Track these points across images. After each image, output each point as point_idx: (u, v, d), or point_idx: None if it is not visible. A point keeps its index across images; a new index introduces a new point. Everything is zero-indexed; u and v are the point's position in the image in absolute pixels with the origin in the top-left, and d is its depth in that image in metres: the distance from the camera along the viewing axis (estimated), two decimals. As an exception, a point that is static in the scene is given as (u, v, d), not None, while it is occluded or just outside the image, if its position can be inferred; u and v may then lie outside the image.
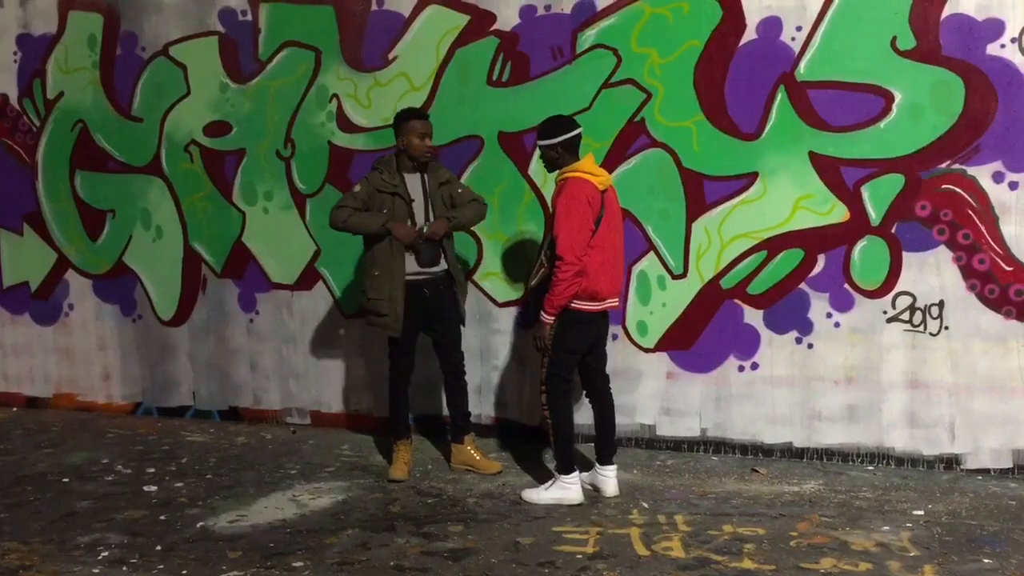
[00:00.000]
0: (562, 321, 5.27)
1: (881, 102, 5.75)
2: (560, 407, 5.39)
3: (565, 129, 5.33)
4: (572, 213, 5.15)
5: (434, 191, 5.81)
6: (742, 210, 6.09)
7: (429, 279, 5.80)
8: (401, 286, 5.71)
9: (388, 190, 5.73)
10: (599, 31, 6.24)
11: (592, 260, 5.22)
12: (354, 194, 5.79)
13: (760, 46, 5.96)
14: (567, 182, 5.24)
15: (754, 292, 6.12)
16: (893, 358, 5.89)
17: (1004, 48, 5.54)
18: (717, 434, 6.28)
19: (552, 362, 5.34)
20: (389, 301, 5.72)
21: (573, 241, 5.13)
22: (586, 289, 5.23)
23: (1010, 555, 4.58)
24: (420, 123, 5.73)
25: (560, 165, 5.34)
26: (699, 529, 5.00)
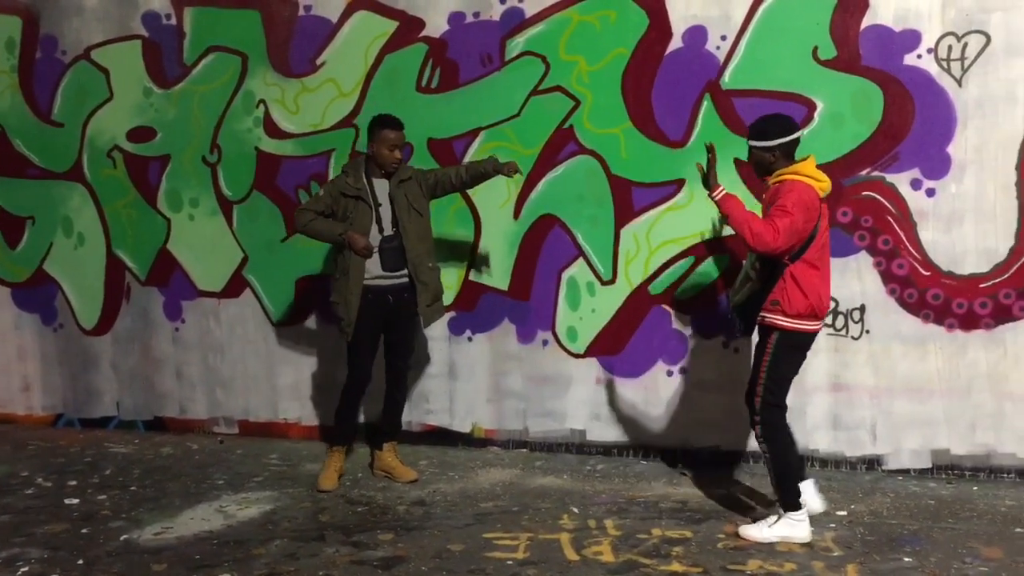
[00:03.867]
0: (783, 346, 4.80)
1: (804, 110, 5.86)
2: (779, 438, 4.88)
3: (786, 131, 4.80)
4: (796, 212, 4.59)
5: (395, 192, 5.68)
6: (670, 216, 6.16)
7: (394, 285, 5.72)
8: (358, 291, 5.63)
9: (352, 194, 5.64)
10: (528, 38, 6.27)
11: (812, 277, 4.75)
12: (318, 198, 5.74)
13: (686, 55, 6.04)
14: (791, 183, 4.69)
15: (682, 297, 6.19)
16: (817, 362, 5.98)
17: (921, 58, 5.68)
18: (647, 438, 6.34)
19: (768, 390, 4.84)
20: (345, 305, 5.66)
21: (792, 232, 4.59)
22: (810, 308, 4.75)
23: (929, 553, 4.69)
24: (394, 134, 5.62)
25: (773, 170, 4.81)
26: (629, 533, 5.03)
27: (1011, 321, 5.69)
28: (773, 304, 4.77)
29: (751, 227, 4.60)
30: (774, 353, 4.82)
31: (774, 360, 4.82)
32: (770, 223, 4.59)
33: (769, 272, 4.78)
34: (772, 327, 4.80)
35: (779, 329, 4.78)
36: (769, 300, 4.78)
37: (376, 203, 5.67)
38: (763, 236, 4.58)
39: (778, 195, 4.69)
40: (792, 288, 4.73)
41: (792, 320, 4.75)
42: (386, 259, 5.67)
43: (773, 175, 4.82)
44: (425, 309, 5.80)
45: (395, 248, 5.68)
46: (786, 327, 4.77)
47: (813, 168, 4.78)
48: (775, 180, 4.80)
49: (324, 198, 5.71)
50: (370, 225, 5.66)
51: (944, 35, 5.64)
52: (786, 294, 4.74)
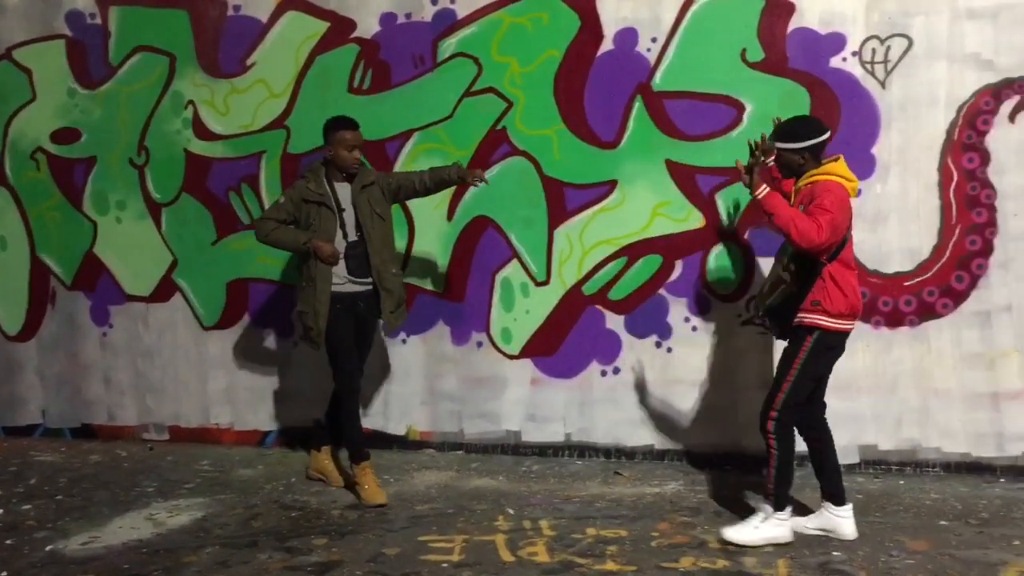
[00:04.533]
0: (821, 346, 4.74)
1: (733, 112, 5.94)
2: (788, 438, 4.84)
3: (815, 132, 4.72)
4: (835, 210, 4.55)
5: (358, 197, 5.56)
6: (602, 217, 6.20)
7: (362, 292, 5.60)
8: (326, 300, 5.48)
9: (314, 199, 5.50)
10: (460, 40, 6.27)
11: (848, 276, 4.73)
12: (278, 205, 5.57)
13: (617, 56, 6.09)
14: (825, 183, 4.64)
15: (615, 298, 6.24)
16: (748, 360, 6.08)
17: (846, 61, 5.79)
18: (581, 438, 6.37)
19: (793, 388, 4.77)
20: (314, 314, 5.51)
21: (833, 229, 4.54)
22: (850, 307, 4.72)
23: (857, 547, 4.78)
24: (351, 135, 5.49)
25: (802, 173, 4.75)
26: (563, 533, 5.05)
27: (934, 318, 5.82)
28: (814, 304, 4.70)
29: (796, 225, 4.54)
30: (811, 352, 4.74)
31: (809, 359, 4.75)
32: (814, 220, 4.54)
33: (806, 274, 4.71)
34: (812, 327, 4.72)
35: (819, 329, 4.72)
36: (809, 301, 4.70)
37: (339, 208, 5.54)
38: (808, 233, 4.52)
39: (814, 195, 4.63)
40: (832, 288, 4.69)
41: (834, 320, 4.71)
42: (351, 265, 5.54)
43: (804, 176, 4.76)
44: (388, 315, 5.65)
45: (361, 254, 5.55)
46: (827, 327, 4.71)
47: (845, 168, 4.74)
48: (807, 181, 4.73)
49: (285, 205, 5.53)
50: (335, 231, 5.51)
51: (868, 38, 5.76)
52: (827, 294, 4.68)
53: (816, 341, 4.74)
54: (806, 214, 4.58)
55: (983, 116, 5.66)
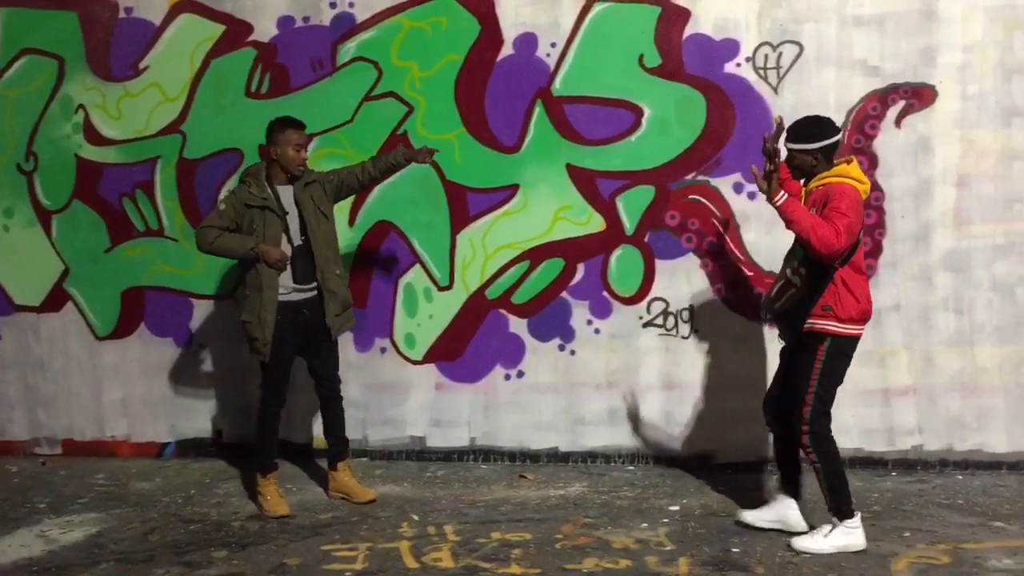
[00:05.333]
0: (834, 352, 4.66)
1: (632, 117, 6.02)
2: (829, 447, 4.74)
3: (829, 132, 4.66)
4: (851, 214, 4.49)
5: (301, 196, 5.40)
6: (505, 221, 6.22)
7: (308, 299, 5.44)
8: (273, 308, 5.31)
9: (257, 204, 5.31)
10: (359, 43, 6.22)
11: (860, 281, 4.67)
12: (220, 212, 5.34)
13: (517, 61, 6.11)
14: (839, 186, 4.56)
15: (518, 302, 6.26)
16: (649, 361, 6.16)
17: (740, 67, 5.92)
18: (486, 443, 6.37)
19: (818, 398, 4.68)
20: (259, 324, 5.32)
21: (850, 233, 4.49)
22: (861, 311, 4.65)
23: (756, 543, 4.87)
24: (297, 134, 5.33)
25: (814, 174, 4.68)
26: (468, 538, 5.04)
27: (828, 317, 5.97)
28: (825, 309, 4.63)
29: (816, 231, 4.46)
30: (826, 360, 4.67)
31: (825, 367, 4.68)
32: (832, 226, 4.46)
33: (818, 278, 4.64)
34: (823, 333, 4.65)
35: (830, 335, 4.65)
36: (820, 306, 4.63)
37: (283, 211, 5.38)
38: (829, 239, 4.45)
39: (828, 198, 4.56)
40: (844, 292, 4.63)
41: (844, 325, 4.64)
42: (298, 270, 5.37)
43: (815, 178, 4.70)
44: (334, 319, 5.50)
45: (307, 258, 5.38)
46: (838, 332, 4.64)
47: (858, 170, 4.68)
48: (818, 183, 4.67)
49: (227, 212, 5.32)
50: (280, 235, 5.34)
51: (761, 44, 5.90)
52: (839, 299, 4.62)
53: (829, 348, 4.66)
54: (823, 219, 4.52)
55: (871, 121, 5.84)
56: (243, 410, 6.49)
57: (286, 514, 5.42)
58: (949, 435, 5.93)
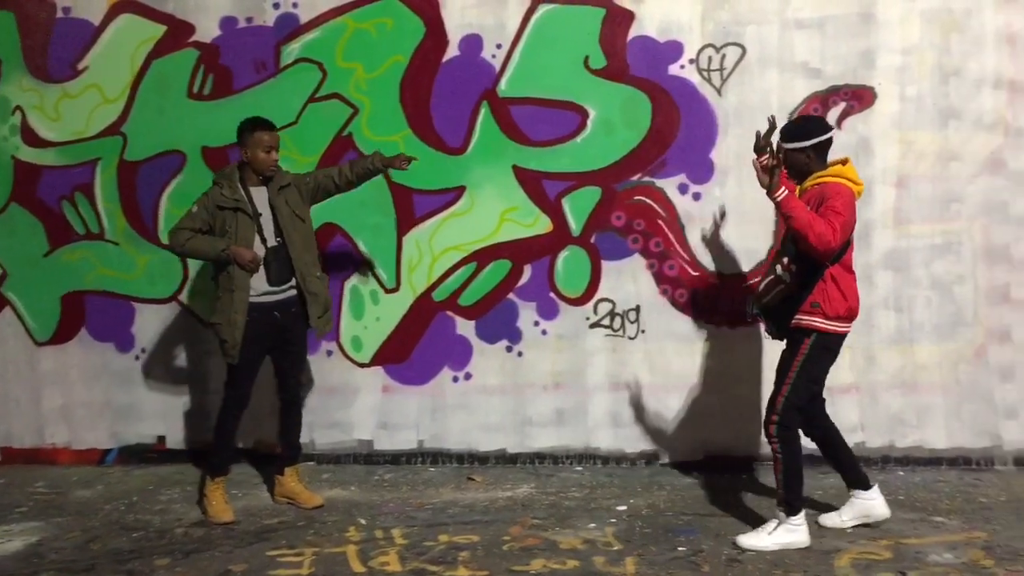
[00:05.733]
0: (818, 347, 4.72)
1: (577, 118, 6.04)
2: (794, 441, 4.77)
3: (819, 130, 4.74)
4: (846, 213, 4.56)
5: (275, 199, 5.35)
6: (451, 223, 6.20)
7: (281, 301, 5.38)
8: (243, 309, 5.25)
9: (229, 206, 5.25)
10: (303, 45, 6.18)
11: (849, 279, 4.74)
12: (192, 215, 5.28)
13: (463, 63, 6.10)
14: (835, 185, 4.63)
15: (465, 303, 6.24)
16: (596, 362, 6.18)
17: (684, 69, 5.96)
18: (434, 445, 6.35)
19: (794, 390, 4.74)
20: (228, 325, 5.26)
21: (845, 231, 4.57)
22: (848, 309, 4.71)
23: (701, 541, 4.91)
24: (268, 135, 5.27)
25: (809, 172, 4.73)
26: (416, 541, 5.02)
27: (772, 317, 6.04)
28: (813, 306, 4.69)
29: (814, 228, 4.50)
30: (808, 355, 4.74)
31: (807, 362, 4.75)
32: (829, 223, 4.52)
33: (808, 275, 4.71)
34: (808, 330, 4.72)
35: (816, 331, 4.71)
36: (808, 302, 4.70)
37: (256, 213, 5.33)
38: (825, 236, 4.50)
39: (824, 197, 4.61)
40: (833, 290, 4.69)
41: (831, 322, 4.70)
42: (272, 272, 5.31)
43: (810, 178, 4.75)
44: (316, 321, 5.47)
45: (282, 260, 5.33)
46: (824, 329, 4.70)
47: (853, 171, 4.75)
48: (813, 182, 4.72)
49: (199, 214, 5.26)
50: (253, 237, 5.29)
51: (704, 47, 5.95)
52: (827, 296, 4.69)
53: (814, 343, 4.73)
54: (822, 217, 4.56)
55: (813, 122, 5.91)
56: (187, 415, 6.41)
57: (231, 520, 5.35)
58: (890, 432, 6.02)
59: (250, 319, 5.28)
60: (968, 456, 5.98)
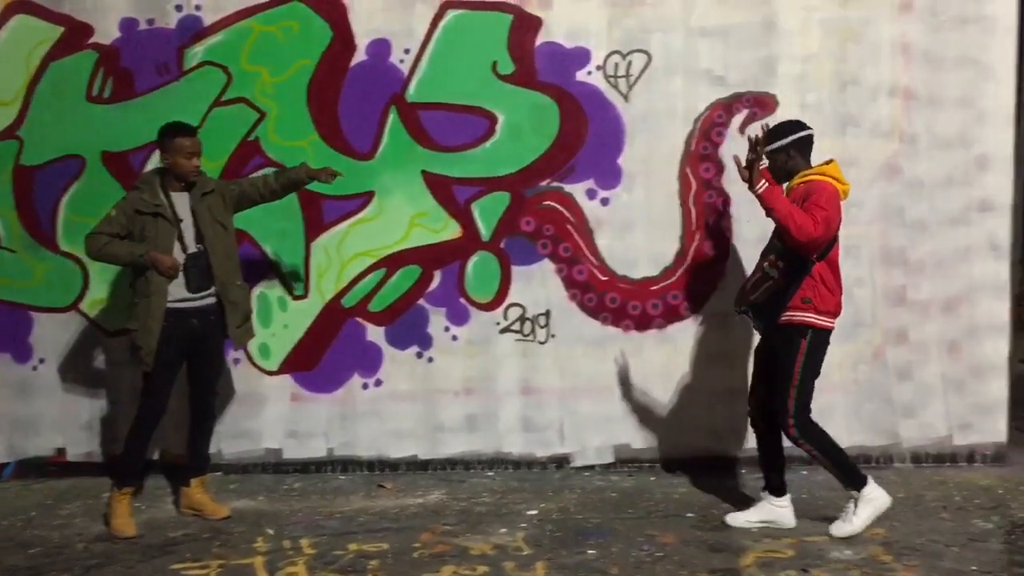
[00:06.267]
0: (815, 344, 4.85)
1: (486, 123, 6.05)
2: (817, 434, 4.91)
3: (796, 128, 4.89)
4: (830, 208, 4.69)
5: (198, 206, 5.25)
6: (360, 229, 6.16)
7: (199, 307, 5.27)
8: (160, 316, 5.12)
9: (149, 211, 5.12)
10: (207, 48, 6.07)
11: (834, 276, 4.88)
12: (110, 219, 5.14)
13: (370, 67, 6.06)
14: (819, 183, 4.76)
15: (375, 309, 6.20)
16: (507, 367, 6.19)
17: (591, 75, 6.02)
18: (344, 453, 6.29)
19: (800, 389, 4.85)
20: (144, 332, 5.13)
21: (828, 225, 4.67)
22: (836, 305, 4.88)
23: (611, 544, 4.95)
24: (189, 141, 5.17)
25: (793, 171, 4.86)
26: (325, 550, 4.96)
27: (679, 320, 6.13)
28: (804, 302, 4.80)
29: (794, 219, 4.62)
30: (808, 354, 4.84)
31: (808, 360, 4.85)
32: (811, 215, 4.63)
33: (796, 271, 4.81)
34: (803, 326, 4.83)
35: (811, 327, 4.82)
36: (799, 298, 4.80)
37: (177, 219, 5.21)
38: (806, 227, 4.61)
39: (808, 194, 4.73)
40: (821, 286, 4.81)
41: (822, 317, 4.83)
42: (192, 279, 5.20)
43: (797, 176, 4.86)
44: (235, 331, 5.38)
45: (201, 267, 5.23)
46: (817, 324, 4.83)
47: (838, 171, 4.86)
48: (800, 181, 4.83)
49: (117, 219, 5.13)
50: (172, 243, 5.17)
51: (611, 53, 6.01)
52: (817, 291, 4.81)
53: (811, 341, 4.84)
54: (805, 211, 4.68)
55: (717, 128, 6.01)
56: (88, 426, 6.25)
57: (133, 535, 5.22)
58: (795, 432, 6.15)
59: (167, 325, 5.18)
60: (868, 454, 6.14)
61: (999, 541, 4.96)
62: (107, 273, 6.13)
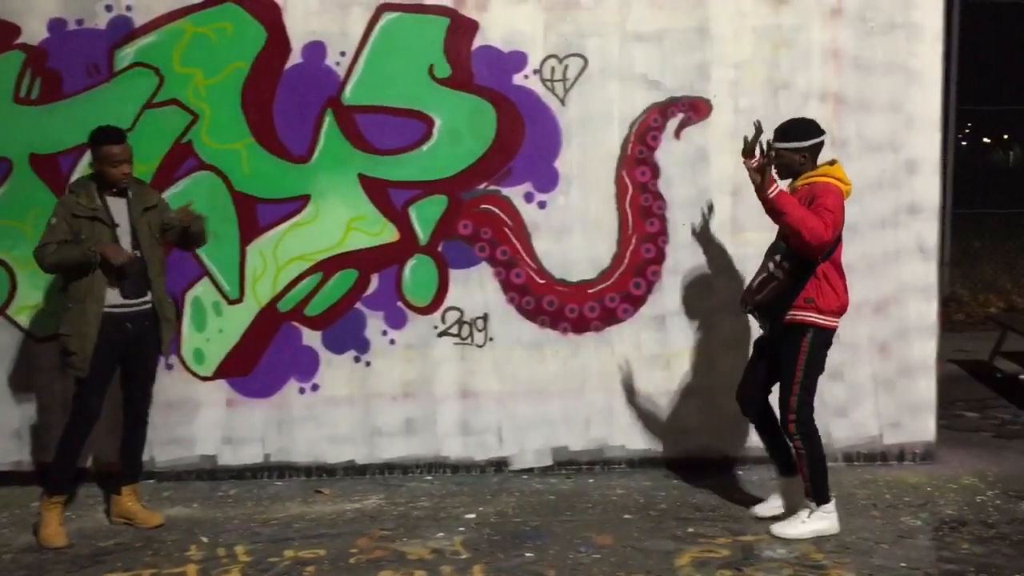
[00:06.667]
0: (817, 343, 4.94)
1: (423, 127, 6.03)
2: (814, 435, 5.01)
3: (815, 132, 4.98)
4: (836, 211, 4.79)
5: (138, 217, 5.18)
6: (296, 232, 6.10)
7: (134, 312, 5.19)
8: (95, 321, 5.04)
9: (86, 214, 5.03)
10: (138, 49, 5.97)
11: (839, 277, 4.97)
12: (52, 227, 5.04)
13: (306, 70, 6.01)
14: (824, 185, 4.86)
15: (312, 314, 6.15)
16: (445, 371, 6.18)
17: (528, 79, 6.03)
18: (281, 458, 6.22)
19: (803, 387, 4.95)
20: (79, 337, 5.03)
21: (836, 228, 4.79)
22: (840, 305, 4.97)
23: (549, 546, 4.97)
24: (118, 149, 5.08)
25: (800, 173, 4.95)
26: (260, 558, 4.92)
27: (616, 323, 6.16)
28: (807, 302, 4.89)
29: (806, 224, 4.68)
30: (810, 352, 4.94)
31: (810, 358, 4.95)
32: (821, 219, 4.71)
33: (801, 271, 4.88)
34: (805, 325, 4.92)
35: (813, 327, 4.91)
36: (802, 298, 4.89)
37: (113, 223, 5.13)
38: (818, 231, 4.68)
39: (814, 195, 4.80)
40: (825, 286, 4.90)
41: (825, 317, 4.92)
42: (128, 284, 5.14)
43: (801, 178, 4.95)
44: (165, 347, 5.42)
45: (139, 272, 5.17)
46: (820, 324, 4.91)
47: (842, 172, 4.96)
48: (804, 182, 4.92)
49: (59, 225, 5.05)
50: None
51: (547, 57, 6.03)
52: (821, 291, 4.89)
53: (813, 340, 4.93)
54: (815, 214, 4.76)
55: (652, 132, 6.07)
56: (16, 435, 6.10)
57: (63, 545, 5.12)
58: (731, 433, 6.22)
59: (102, 330, 5.11)
60: (802, 454, 6.22)
61: (927, 538, 5.07)
62: (35, 278, 5.98)
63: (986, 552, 4.84)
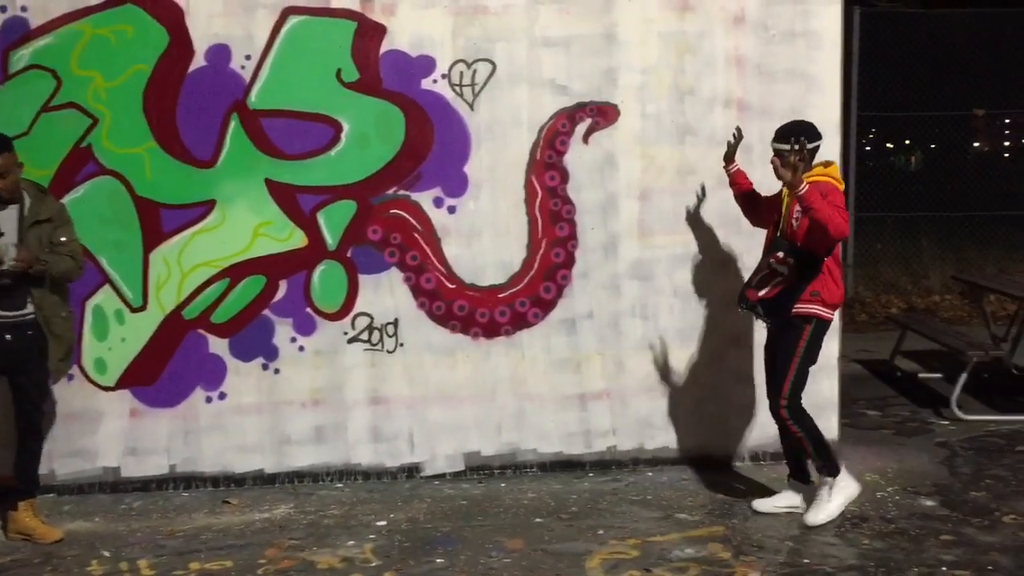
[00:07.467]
0: (818, 334, 5.18)
1: (331, 131, 5.98)
2: (805, 416, 5.21)
3: (818, 135, 5.23)
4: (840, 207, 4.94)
5: (26, 233, 5.05)
6: (201, 238, 5.99)
7: (13, 322, 5.07)
8: None
9: None
10: (34, 51, 5.79)
11: (838, 271, 5.19)
12: None
13: (210, 73, 5.91)
14: (826, 184, 5.01)
15: (218, 321, 6.04)
16: (356, 377, 6.12)
17: (436, 83, 6.01)
18: (187, 469, 6.10)
19: (798, 374, 5.16)
20: None
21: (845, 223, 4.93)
22: (840, 298, 5.21)
23: (460, 552, 4.96)
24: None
25: (799, 173, 4.99)
26: (164, 571, 4.82)
27: (527, 327, 6.18)
28: (813, 295, 5.11)
29: (834, 219, 4.84)
30: (810, 340, 5.16)
31: (809, 347, 5.17)
32: (843, 215, 4.92)
33: (807, 266, 5.07)
34: (808, 317, 5.13)
35: (816, 318, 5.14)
36: (809, 291, 5.10)
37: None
38: (842, 226, 4.88)
39: (824, 194, 4.94)
40: (829, 279, 5.13)
41: (827, 309, 5.16)
42: (5, 296, 5.02)
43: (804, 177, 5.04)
44: (58, 364, 5.25)
45: (19, 284, 5.04)
46: (822, 315, 5.14)
47: (837, 172, 5.21)
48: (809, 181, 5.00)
49: None
50: None
51: (456, 62, 6.01)
52: (825, 285, 5.11)
53: (813, 330, 5.16)
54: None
55: (561, 137, 6.10)
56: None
57: None
58: (640, 435, 6.28)
59: None
60: (709, 453, 6.32)
61: (831, 534, 5.18)
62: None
63: (886, 547, 4.97)
